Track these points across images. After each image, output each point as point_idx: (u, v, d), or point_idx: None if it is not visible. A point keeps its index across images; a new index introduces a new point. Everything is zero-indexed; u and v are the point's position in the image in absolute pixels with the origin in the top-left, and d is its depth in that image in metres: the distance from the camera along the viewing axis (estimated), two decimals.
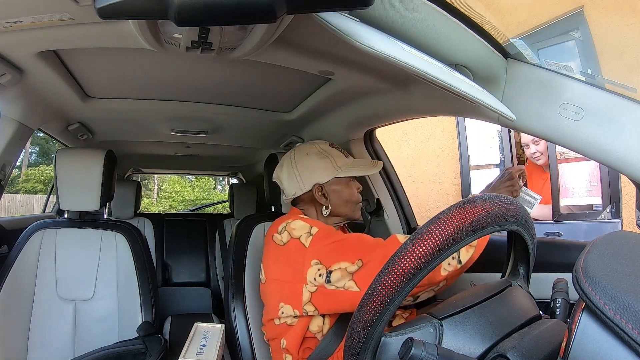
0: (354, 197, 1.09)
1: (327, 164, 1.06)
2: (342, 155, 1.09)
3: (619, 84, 0.71)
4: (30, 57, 0.88)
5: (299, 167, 1.08)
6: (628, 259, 0.43)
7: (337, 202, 1.08)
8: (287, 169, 1.10)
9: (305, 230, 0.97)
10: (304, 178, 1.07)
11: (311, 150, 1.09)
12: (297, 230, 0.98)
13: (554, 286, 0.64)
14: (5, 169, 1.20)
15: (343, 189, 1.08)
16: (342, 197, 1.08)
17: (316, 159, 1.07)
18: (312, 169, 1.06)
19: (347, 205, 1.09)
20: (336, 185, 1.08)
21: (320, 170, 1.06)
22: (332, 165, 1.06)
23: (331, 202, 1.08)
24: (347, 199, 1.08)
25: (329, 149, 1.09)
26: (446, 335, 0.52)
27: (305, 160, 1.08)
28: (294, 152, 1.12)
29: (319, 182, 1.06)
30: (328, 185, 1.07)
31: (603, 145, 0.69)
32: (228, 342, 1.17)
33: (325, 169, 1.06)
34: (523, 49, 0.77)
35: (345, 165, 1.07)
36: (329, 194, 1.07)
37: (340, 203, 1.08)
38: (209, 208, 7.29)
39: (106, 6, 0.44)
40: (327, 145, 1.10)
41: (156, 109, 1.41)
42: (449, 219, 0.49)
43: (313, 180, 1.07)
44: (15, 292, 1.21)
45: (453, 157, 3.15)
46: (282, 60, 0.92)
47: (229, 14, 0.46)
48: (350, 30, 0.56)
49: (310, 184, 1.07)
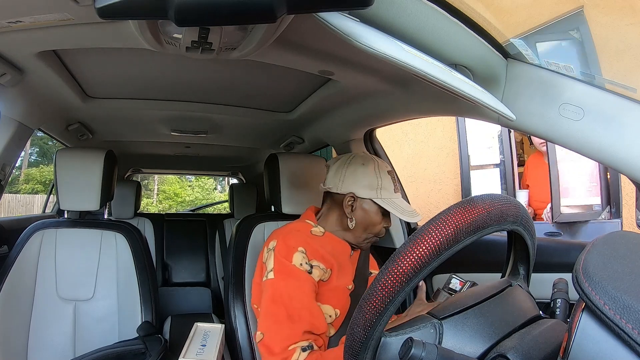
0: (376, 227, 1.05)
1: (373, 184, 1.03)
2: (391, 186, 1.05)
3: (619, 84, 0.71)
4: (30, 57, 0.88)
5: (349, 169, 1.05)
6: (628, 259, 0.43)
7: (358, 221, 1.05)
8: (340, 164, 1.08)
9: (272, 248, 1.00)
10: (346, 180, 1.05)
11: (369, 164, 1.05)
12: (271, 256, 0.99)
13: (554, 286, 0.64)
14: (5, 169, 1.20)
15: (373, 213, 1.04)
16: (365, 220, 1.04)
17: (368, 173, 1.04)
18: (358, 179, 1.04)
19: (363, 231, 1.05)
20: (369, 207, 1.04)
21: (364, 184, 1.03)
22: (377, 188, 1.03)
23: (356, 218, 1.05)
24: (369, 223, 1.05)
25: (384, 175, 1.05)
26: (446, 335, 0.52)
27: (358, 168, 1.05)
28: (354, 155, 1.09)
29: (356, 194, 1.04)
30: (362, 201, 1.04)
31: (603, 145, 0.69)
32: (228, 342, 1.17)
33: (369, 186, 1.03)
34: (523, 49, 0.77)
35: (387, 197, 1.03)
36: (357, 208, 1.04)
37: (360, 223, 1.05)
38: (209, 208, 7.29)
39: (106, 6, 0.43)
40: (386, 171, 1.06)
41: (156, 109, 1.41)
42: (449, 219, 0.49)
43: (351, 188, 1.04)
44: (15, 292, 1.21)
45: (453, 157, 3.15)
46: (282, 60, 0.92)
47: (229, 14, 0.46)
48: (350, 30, 0.56)
49: (348, 189, 1.04)
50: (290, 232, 1.02)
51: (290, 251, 0.96)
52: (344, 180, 1.05)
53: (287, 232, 1.03)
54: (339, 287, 1.01)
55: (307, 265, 0.96)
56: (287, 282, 0.93)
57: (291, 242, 0.98)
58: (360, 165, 1.05)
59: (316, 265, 0.97)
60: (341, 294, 1.01)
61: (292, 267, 0.95)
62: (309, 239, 1.02)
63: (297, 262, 0.95)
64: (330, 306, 0.98)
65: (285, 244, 0.98)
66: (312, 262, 0.97)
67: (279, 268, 0.95)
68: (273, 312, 0.92)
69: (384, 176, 1.04)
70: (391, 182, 1.05)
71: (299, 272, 0.94)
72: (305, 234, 1.03)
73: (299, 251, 0.96)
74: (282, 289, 0.93)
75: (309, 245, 0.99)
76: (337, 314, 0.99)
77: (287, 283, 0.93)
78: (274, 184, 1.31)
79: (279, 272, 0.95)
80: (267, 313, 0.93)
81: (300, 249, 0.97)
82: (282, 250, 0.97)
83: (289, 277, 0.94)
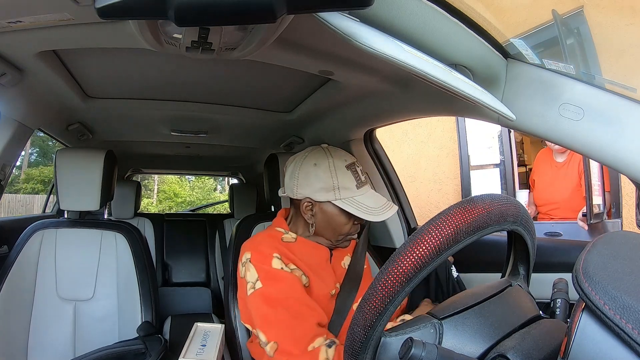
0: (343, 229, 0.98)
1: (329, 185, 0.94)
2: (352, 182, 0.95)
3: (619, 84, 0.71)
4: (30, 57, 0.88)
5: (302, 172, 0.97)
6: (628, 259, 0.43)
7: (322, 225, 0.98)
8: (293, 166, 1.00)
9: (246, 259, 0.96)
10: (299, 185, 0.97)
11: (322, 163, 0.96)
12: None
13: (554, 286, 0.64)
14: (5, 169, 1.20)
15: (335, 215, 0.96)
16: (330, 224, 0.98)
17: (321, 174, 0.95)
18: (311, 182, 0.96)
19: (332, 233, 0.99)
20: (330, 208, 0.96)
21: (318, 186, 0.95)
22: (334, 188, 0.94)
23: (316, 222, 0.98)
24: (334, 227, 0.98)
25: (341, 172, 0.95)
26: (446, 335, 0.52)
27: (310, 170, 0.96)
28: (306, 154, 1.00)
29: (312, 198, 0.96)
30: (320, 204, 0.97)
31: (603, 145, 0.69)
32: (228, 342, 1.17)
33: (324, 188, 0.94)
34: (523, 49, 0.77)
35: (347, 196, 0.94)
36: (317, 213, 0.97)
37: (325, 227, 0.98)
38: (209, 208, 7.29)
39: (106, 6, 0.43)
40: (345, 165, 0.96)
41: (156, 109, 1.41)
42: (449, 219, 0.49)
43: (306, 193, 0.96)
44: (15, 292, 1.21)
45: (453, 157, 3.15)
46: (282, 60, 0.92)
47: (229, 14, 0.46)
48: (350, 30, 0.56)
49: (303, 194, 0.97)
50: (262, 241, 0.98)
51: (267, 258, 0.93)
52: (298, 184, 0.97)
53: (258, 242, 0.99)
54: (320, 296, 0.97)
55: (287, 268, 0.94)
56: (277, 285, 0.90)
57: (265, 250, 0.95)
58: (312, 167, 0.96)
59: (294, 268, 0.95)
60: (324, 300, 0.98)
61: (276, 271, 0.92)
62: (281, 245, 0.98)
63: (277, 267, 0.92)
64: None
65: (260, 253, 0.94)
66: (289, 266, 0.94)
67: (264, 275, 0.91)
68: (276, 318, 0.88)
69: (340, 174, 0.95)
70: (352, 178, 0.95)
71: (284, 274, 0.92)
72: (277, 241, 0.99)
73: (274, 257, 0.93)
74: (275, 294, 0.90)
75: (282, 252, 0.96)
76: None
77: (277, 287, 0.90)
78: (274, 184, 1.31)
79: (266, 278, 0.91)
80: (271, 322, 0.88)
81: (275, 255, 0.94)
82: (259, 258, 0.93)
83: (277, 281, 0.91)
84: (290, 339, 0.85)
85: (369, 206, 0.95)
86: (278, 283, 0.91)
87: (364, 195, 0.96)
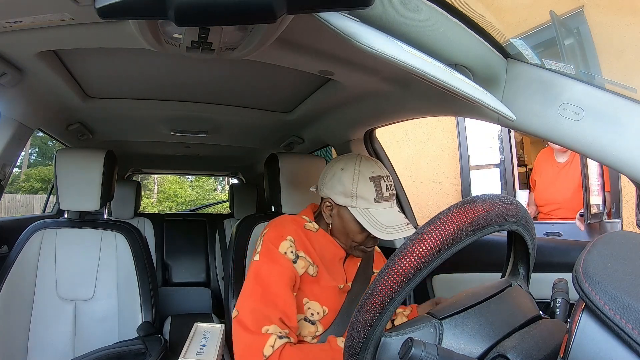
0: (356, 237, 0.98)
1: (348, 191, 0.96)
2: (372, 195, 0.95)
3: (619, 84, 0.71)
4: (30, 57, 0.88)
5: (329, 173, 1.01)
6: (628, 259, 0.43)
7: (337, 228, 1.01)
8: (328, 166, 1.04)
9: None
10: (325, 185, 1.01)
11: (349, 168, 0.97)
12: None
13: (554, 286, 0.64)
14: (5, 169, 1.20)
15: (350, 222, 0.98)
16: (345, 228, 0.99)
17: (344, 179, 0.97)
18: (334, 184, 0.98)
19: (345, 238, 1.01)
20: (347, 215, 0.98)
21: (339, 190, 0.97)
22: (352, 196, 0.96)
23: (333, 224, 1.01)
24: (348, 233, 0.99)
25: (363, 182, 0.95)
26: (446, 335, 0.52)
27: (336, 172, 0.99)
28: (340, 158, 1.03)
29: (332, 199, 0.99)
30: (339, 208, 0.99)
31: (603, 145, 0.69)
32: (228, 342, 1.17)
33: (343, 193, 0.96)
34: (523, 49, 0.77)
35: (364, 206, 0.95)
36: (335, 215, 1.00)
37: (340, 231, 1.01)
38: (209, 208, 7.30)
39: (106, 6, 0.44)
40: (370, 176, 0.96)
41: (156, 109, 1.41)
42: (449, 219, 0.49)
43: (329, 193, 0.99)
44: (15, 292, 1.21)
45: (453, 157, 3.15)
46: (282, 60, 0.92)
47: (229, 14, 0.46)
48: (350, 30, 0.56)
49: (326, 194, 1.00)
50: (283, 222, 1.02)
51: (278, 238, 0.96)
52: (325, 183, 1.01)
53: (279, 222, 1.02)
54: (328, 287, 1.00)
55: (293, 254, 0.95)
56: (270, 266, 0.93)
57: (281, 230, 0.99)
58: (339, 170, 0.98)
59: (302, 256, 0.97)
60: (331, 292, 1.00)
61: (277, 254, 0.95)
62: (300, 231, 1.01)
63: (283, 250, 0.95)
64: (318, 303, 0.98)
65: (275, 231, 0.98)
66: (299, 253, 0.96)
67: (264, 252, 0.95)
68: (251, 291, 0.92)
69: (362, 183, 0.95)
70: (372, 190, 0.95)
71: (283, 259, 0.94)
72: (298, 226, 1.02)
73: (287, 239, 0.96)
74: (264, 272, 0.93)
75: (299, 236, 0.99)
76: (325, 311, 0.98)
77: (269, 267, 0.93)
78: (274, 184, 1.31)
79: (264, 255, 0.95)
80: (246, 292, 0.93)
81: (289, 238, 0.97)
82: (271, 236, 0.97)
83: (272, 262, 0.94)
84: (252, 315, 0.89)
85: (381, 222, 0.94)
86: (272, 264, 0.94)
87: (380, 210, 0.95)
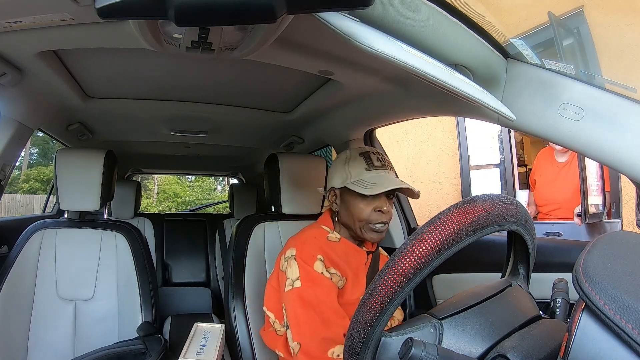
0: (361, 214, 0.98)
1: (342, 170, 1.01)
2: (362, 165, 0.99)
3: (619, 84, 0.71)
4: (30, 57, 0.88)
5: (331, 168, 1.07)
6: (628, 259, 0.43)
7: (343, 213, 1.03)
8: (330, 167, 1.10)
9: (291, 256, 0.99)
10: (328, 179, 1.07)
11: (342, 155, 1.05)
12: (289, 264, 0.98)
13: (554, 286, 0.64)
14: (5, 169, 1.20)
15: (352, 201, 1.00)
16: (349, 209, 1.01)
17: (339, 163, 1.04)
18: (332, 171, 1.05)
19: (352, 220, 1.01)
20: (347, 195, 1.01)
21: (337, 174, 1.03)
22: (346, 173, 1.00)
23: (339, 211, 1.04)
24: (353, 212, 1.00)
25: (353, 158, 1.01)
26: (446, 335, 0.52)
27: (336, 162, 1.06)
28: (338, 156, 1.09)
29: (333, 186, 1.04)
30: (340, 192, 1.03)
31: (603, 145, 0.69)
32: (228, 342, 1.17)
33: (339, 174, 1.02)
34: (523, 49, 0.77)
35: (357, 178, 0.98)
36: (339, 201, 1.04)
37: (346, 214, 1.02)
38: (209, 208, 7.29)
39: (106, 6, 0.44)
40: (358, 152, 1.02)
41: (156, 109, 1.41)
42: (449, 219, 0.49)
43: (330, 183, 1.05)
44: (15, 292, 1.21)
45: (453, 157, 3.15)
46: (282, 60, 0.92)
47: (229, 14, 0.46)
48: (350, 30, 0.56)
49: (329, 186, 1.06)
50: (307, 240, 1.02)
51: (311, 259, 0.96)
52: (328, 179, 1.08)
53: (304, 240, 1.02)
54: (351, 299, 0.99)
55: (327, 273, 0.96)
56: (315, 289, 0.93)
57: (310, 250, 0.98)
58: (337, 160, 1.06)
59: (333, 272, 0.97)
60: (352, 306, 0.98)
61: (317, 274, 0.95)
62: (326, 246, 1.01)
63: (319, 270, 0.95)
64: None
65: (304, 251, 0.98)
66: (330, 270, 0.97)
67: (305, 276, 0.94)
68: (307, 319, 0.91)
69: (353, 160, 1.01)
70: (362, 162, 0.99)
71: (323, 279, 0.95)
72: (322, 241, 1.02)
73: (318, 259, 0.96)
74: (311, 297, 0.92)
75: (326, 253, 0.99)
76: None
77: (314, 291, 0.93)
78: (274, 184, 1.31)
79: (306, 279, 0.94)
80: (300, 321, 0.92)
81: (319, 257, 0.97)
82: (303, 257, 0.97)
83: (316, 284, 0.94)
84: (315, 342, 0.89)
85: (370, 182, 0.96)
86: (316, 287, 0.94)
87: (373, 176, 0.98)
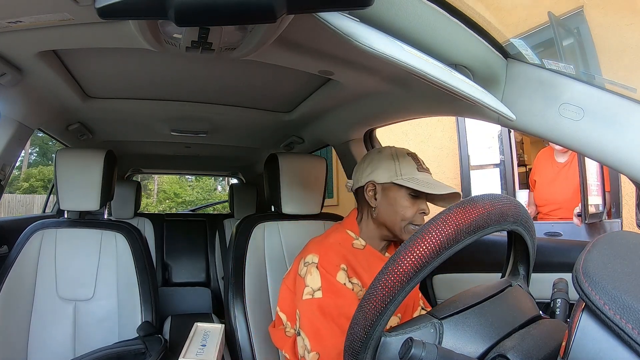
0: (407, 212, 0.96)
1: (391, 167, 0.98)
2: (413, 166, 0.97)
3: (619, 84, 0.71)
4: (30, 57, 0.88)
5: (367, 160, 1.03)
6: (628, 259, 0.43)
7: (384, 209, 0.98)
8: (360, 162, 1.06)
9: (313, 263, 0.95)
10: (364, 172, 1.01)
11: (385, 150, 1.02)
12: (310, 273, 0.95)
13: (554, 286, 0.64)
14: (5, 169, 1.20)
15: (399, 198, 0.96)
16: (393, 207, 0.97)
17: (383, 158, 1.00)
18: (375, 166, 1.00)
19: (394, 218, 0.97)
20: (393, 192, 0.97)
21: (381, 168, 0.98)
22: (396, 169, 0.97)
23: (378, 207, 0.99)
24: (397, 210, 0.96)
25: (402, 157, 0.99)
26: (446, 335, 0.52)
27: (374, 156, 1.02)
28: (371, 151, 1.06)
29: (375, 180, 0.99)
30: (383, 188, 0.98)
31: (603, 145, 0.69)
32: (228, 342, 1.17)
33: (386, 169, 0.98)
34: (523, 49, 0.77)
35: (410, 175, 0.96)
36: (380, 196, 0.99)
37: (387, 211, 0.98)
38: (209, 208, 7.30)
39: (106, 6, 0.44)
40: (405, 153, 1.00)
41: (156, 109, 1.41)
42: (449, 218, 0.49)
43: (370, 177, 1.00)
44: (15, 292, 1.21)
45: (453, 157, 3.15)
46: (282, 60, 0.92)
47: (229, 14, 0.46)
48: (350, 30, 0.56)
49: (366, 179, 1.00)
50: (332, 247, 0.98)
51: (334, 268, 0.93)
52: (362, 172, 1.02)
53: (328, 247, 0.98)
54: None
55: (350, 283, 0.94)
56: (337, 300, 0.91)
57: (334, 258, 0.95)
58: (376, 153, 1.02)
59: (355, 283, 0.95)
60: None
61: (340, 285, 0.92)
62: (350, 254, 0.98)
63: (342, 280, 0.93)
64: None
65: (328, 261, 0.94)
66: (352, 280, 0.95)
67: (327, 287, 0.92)
68: (327, 331, 0.89)
69: (402, 158, 0.99)
70: (412, 163, 0.98)
71: (345, 290, 0.92)
72: (346, 248, 0.99)
73: (341, 269, 0.94)
74: (332, 308, 0.90)
75: (349, 262, 0.96)
76: None
77: (336, 301, 0.91)
78: (274, 184, 1.31)
79: (328, 290, 0.92)
80: (320, 333, 0.90)
81: (342, 267, 0.94)
82: (327, 267, 0.93)
83: (338, 295, 0.92)
84: (334, 353, 0.87)
85: (429, 182, 0.95)
86: (338, 298, 0.91)
87: (426, 178, 0.97)
